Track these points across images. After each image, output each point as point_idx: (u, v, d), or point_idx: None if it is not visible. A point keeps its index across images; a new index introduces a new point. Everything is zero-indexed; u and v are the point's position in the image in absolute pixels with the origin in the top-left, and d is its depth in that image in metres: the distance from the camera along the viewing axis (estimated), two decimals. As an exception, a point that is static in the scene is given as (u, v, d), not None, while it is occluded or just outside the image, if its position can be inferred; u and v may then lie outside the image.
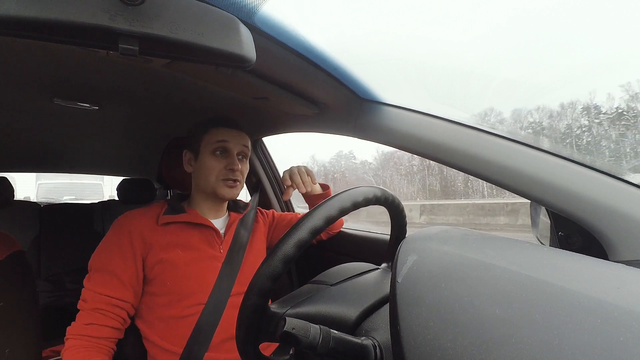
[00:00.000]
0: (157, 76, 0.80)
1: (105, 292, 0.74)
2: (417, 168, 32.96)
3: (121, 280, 0.75)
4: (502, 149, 0.58)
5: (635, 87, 24.65)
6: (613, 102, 24.88)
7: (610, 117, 22.21)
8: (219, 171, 0.84)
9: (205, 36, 0.41)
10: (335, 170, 37.64)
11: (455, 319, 0.28)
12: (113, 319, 0.74)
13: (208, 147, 0.85)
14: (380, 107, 0.76)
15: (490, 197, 27.93)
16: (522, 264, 0.31)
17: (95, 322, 0.72)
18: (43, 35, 0.38)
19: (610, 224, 0.48)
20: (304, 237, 0.42)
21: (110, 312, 0.74)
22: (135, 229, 0.79)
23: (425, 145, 0.66)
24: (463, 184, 27.80)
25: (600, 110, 24.20)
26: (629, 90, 24.20)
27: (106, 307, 0.74)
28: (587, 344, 0.23)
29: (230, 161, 0.84)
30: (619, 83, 31.41)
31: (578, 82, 50.16)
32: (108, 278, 0.75)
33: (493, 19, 57.04)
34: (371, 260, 0.68)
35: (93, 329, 0.72)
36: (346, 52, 0.65)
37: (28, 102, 0.96)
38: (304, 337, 0.38)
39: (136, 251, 0.78)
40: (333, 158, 42.34)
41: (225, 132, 0.85)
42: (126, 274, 0.76)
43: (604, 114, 23.27)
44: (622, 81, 31.77)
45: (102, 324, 0.73)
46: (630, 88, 24.55)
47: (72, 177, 7.53)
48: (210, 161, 0.84)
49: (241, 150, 0.87)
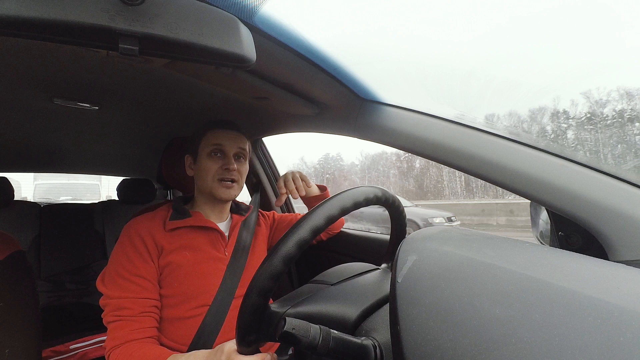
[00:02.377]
0: (157, 76, 0.80)
1: (145, 295, 0.75)
2: (400, 170, 33.88)
3: (151, 282, 0.77)
4: (502, 149, 0.58)
5: (595, 94, 26.21)
6: (577, 108, 26.69)
7: (580, 121, 23.63)
8: (215, 171, 0.85)
9: (205, 36, 0.41)
10: (325, 171, 38.21)
11: (455, 319, 0.28)
12: (155, 320, 0.75)
13: (205, 150, 0.86)
14: (381, 107, 0.76)
15: (463, 198, 28.82)
16: (522, 264, 0.31)
17: (144, 326, 0.72)
18: (43, 35, 0.38)
19: (610, 224, 0.48)
20: (305, 236, 0.42)
21: (153, 313, 0.75)
22: (145, 233, 0.80)
23: (425, 145, 0.66)
24: (434, 186, 28.69)
25: (568, 115, 25.80)
26: (589, 97, 25.96)
27: (149, 309, 0.75)
28: (587, 344, 0.23)
29: (227, 161, 0.85)
30: (580, 90, 33.06)
31: (545, 89, 51.23)
32: (140, 281, 0.75)
33: (493, 20, 57.14)
34: (371, 260, 0.68)
35: (142, 332, 0.72)
36: (346, 52, 0.65)
37: (28, 102, 0.96)
38: (304, 337, 0.38)
39: (152, 253, 0.79)
40: (321, 160, 43.07)
41: (221, 134, 0.86)
42: (152, 276, 0.78)
43: (572, 119, 24.79)
44: (584, 89, 33.60)
45: (150, 325, 0.74)
46: (590, 95, 26.35)
47: (70, 177, 7.67)
48: (207, 162, 0.85)
49: (237, 151, 0.88)
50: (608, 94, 24.96)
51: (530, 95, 52.82)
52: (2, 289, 0.77)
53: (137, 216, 0.90)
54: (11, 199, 1.66)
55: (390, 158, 37.77)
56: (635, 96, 23.74)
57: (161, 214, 0.87)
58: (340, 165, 42.08)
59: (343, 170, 40.79)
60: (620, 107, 23.70)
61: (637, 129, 22.47)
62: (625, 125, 23.10)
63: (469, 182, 28.64)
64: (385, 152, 39.93)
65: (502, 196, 17.64)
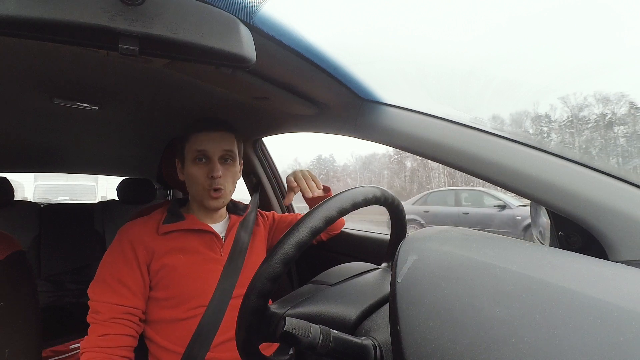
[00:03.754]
0: (157, 76, 0.80)
1: (119, 302, 0.74)
2: (389, 173, 34.87)
3: (131, 290, 0.76)
4: (502, 149, 0.58)
5: (573, 100, 27.88)
6: (556, 112, 28.00)
7: (562, 124, 25.02)
8: (203, 180, 0.82)
9: (205, 36, 0.41)
10: (319, 172, 39.12)
11: (455, 319, 0.28)
12: (129, 327, 0.74)
13: (189, 156, 0.83)
14: (381, 107, 0.76)
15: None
16: (522, 264, 0.31)
17: (112, 332, 0.72)
18: (43, 35, 0.38)
19: (610, 224, 0.48)
20: (304, 237, 0.41)
21: (126, 320, 0.74)
22: (136, 238, 0.80)
23: (425, 145, 0.66)
24: (418, 187, 29.61)
25: (550, 119, 27.43)
26: (566, 102, 27.46)
27: (121, 315, 0.74)
28: (587, 344, 0.23)
29: (211, 167, 0.82)
30: (558, 95, 34.66)
31: (525, 94, 51.90)
32: (118, 288, 0.75)
33: (494, 19, 57.24)
34: (371, 260, 0.68)
35: (109, 339, 0.71)
36: (346, 52, 0.65)
37: (28, 102, 0.96)
38: (304, 337, 0.38)
39: (140, 259, 0.78)
40: (314, 161, 43.90)
41: (204, 137, 0.82)
42: (135, 283, 0.77)
43: (554, 122, 26.31)
44: (562, 94, 35.30)
45: (119, 332, 0.73)
46: (567, 100, 27.64)
47: (68, 179, 8.40)
48: (192, 169, 0.82)
49: (223, 154, 0.83)
50: (585, 99, 26.48)
51: (531, 95, 53.06)
52: (2, 289, 0.77)
53: (134, 218, 0.90)
54: (11, 199, 1.66)
55: (382, 160, 38.75)
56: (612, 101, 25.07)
57: (156, 217, 0.86)
58: (333, 166, 42.80)
59: (337, 172, 41.54)
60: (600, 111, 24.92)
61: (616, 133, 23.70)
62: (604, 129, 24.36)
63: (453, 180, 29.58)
64: (376, 154, 40.69)
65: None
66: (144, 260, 0.79)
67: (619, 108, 24.69)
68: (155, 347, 0.79)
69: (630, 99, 24.79)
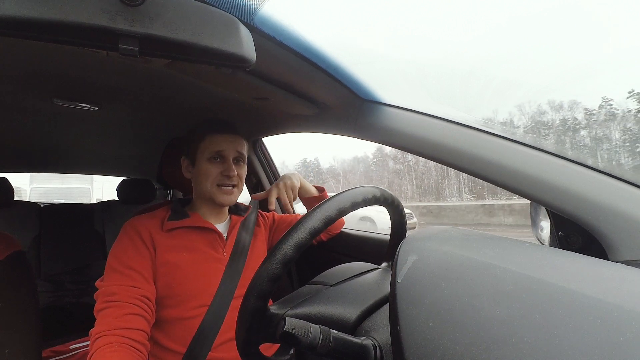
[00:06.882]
0: (157, 76, 0.80)
1: (134, 285, 0.72)
2: (373, 176, 35.89)
3: (143, 276, 0.75)
4: (502, 149, 0.58)
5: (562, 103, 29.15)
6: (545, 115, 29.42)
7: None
8: (215, 176, 0.84)
9: (205, 36, 0.41)
10: (307, 175, 40.13)
11: (455, 319, 0.28)
12: (145, 311, 0.71)
13: (204, 155, 0.85)
14: (381, 107, 0.76)
15: (414, 201, 31.00)
16: (522, 264, 0.31)
17: (131, 312, 0.68)
18: (43, 35, 0.38)
19: (610, 224, 0.48)
20: (303, 238, 0.41)
21: (143, 304, 0.71)
22: (143, 230, 0.80)
23: (425, 145, 0.66)
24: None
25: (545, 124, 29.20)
26: (553, 106, 29.05)
27: (139, 298, 0.71)
28: (587, 344, 0.23)
29: (227, 167, 0.85)
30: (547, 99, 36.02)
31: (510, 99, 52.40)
32: (131, 273, 0.74)
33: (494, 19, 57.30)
34: (371, 260, 0.68)
35: (130, 320, 0.67)
36: (346, 52, 0.65)
37: (28, 102, 0.96)
38: (304, 337, 0.38)
39: (149, 248, 0.79)
40: (299, 164, 45.16)
41: (220, 139, 0.85)
42: (146, 270, 0.76)
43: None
44: (550, 98, 36.53)
45: (138, 313, 0.69)
46: (554, 104, 28.88)
47: (64, 182, 8.53)
48: (206, 167, 0.84)
49: (236, 155, 0.87)
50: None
51: (530, 95, 53.10)
52: (2, 289, 0.77)
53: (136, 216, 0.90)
54: (11, 199, 1.66)
55: (365, 160, 40.30)
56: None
57: (160, 214, 0.87)
58: (318, 169, 44.36)
59: (321, 174, 43.00)
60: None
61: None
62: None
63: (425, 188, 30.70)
64: (357, 157, 42.06)
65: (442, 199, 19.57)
66: (151, 250, 0.79)
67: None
68: (156, 346, 0.79)
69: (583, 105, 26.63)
